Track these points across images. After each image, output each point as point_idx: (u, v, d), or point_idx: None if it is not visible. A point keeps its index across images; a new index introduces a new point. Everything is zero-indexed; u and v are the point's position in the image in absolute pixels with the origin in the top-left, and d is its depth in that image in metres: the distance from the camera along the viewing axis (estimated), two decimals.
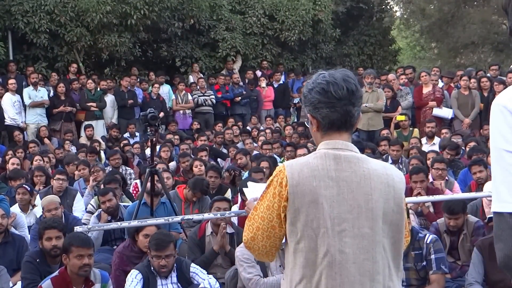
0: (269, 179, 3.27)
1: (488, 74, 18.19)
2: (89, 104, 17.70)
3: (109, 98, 18.26)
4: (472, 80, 16.68)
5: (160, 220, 7.67)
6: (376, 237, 3.16)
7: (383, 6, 29.08)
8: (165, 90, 19.48)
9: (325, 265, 3.10)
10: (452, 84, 18.07)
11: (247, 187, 9.28)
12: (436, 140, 14.67)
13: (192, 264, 7.42)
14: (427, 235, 7.20)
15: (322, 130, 3.29)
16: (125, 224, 8.09)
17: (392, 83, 17.51)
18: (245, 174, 12.35)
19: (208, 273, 7.47)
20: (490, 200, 8.56)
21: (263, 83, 20.61)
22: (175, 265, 7.19)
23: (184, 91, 19.37)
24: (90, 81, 18.20)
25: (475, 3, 30.56)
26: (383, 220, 3.18)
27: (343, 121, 3.25)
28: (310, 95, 3.27)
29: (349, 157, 3.22)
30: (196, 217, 8.40)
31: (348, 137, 3.30)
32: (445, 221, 8.19)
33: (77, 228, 6.93)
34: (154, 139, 9.39)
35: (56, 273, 6.56)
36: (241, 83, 20.48)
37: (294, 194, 3.14)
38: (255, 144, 15.97)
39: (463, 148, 13.47)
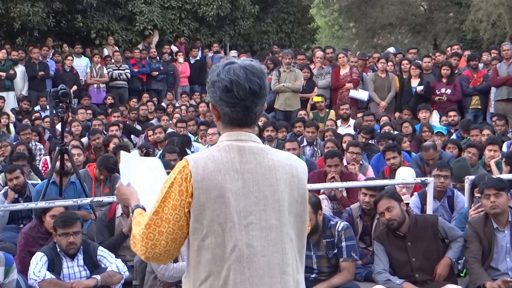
0: (170, 177, 3.15)
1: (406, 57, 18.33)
2: None
3: (20, 69, 17.65)
4: (389, 63, 16.74)
5: (69, 202, 7.53)
6: (284, 228, 3.14)
7: None
8: (83, 63, 18.99)
9: (233, 260, 3.04)
10: (367, 66, 18.16)
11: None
12: (351, 122, 14.72)
13: (100, 248, 7.27)
14: (339, 222, 7.22)
15: (223, 123, 3.23)
16: (32, 205, 7.89)
17: (317, 60, 17.42)
18: (159, 153, 12.18)
19: (116, 256, 7.36)
20: (402, 187, 8.75)
21: (181, 59, 20.28)
22: (82, 247, 7.03)
23: (99, 64, 18.88)
24: (3, 51, 17.57)
25: None
26: (288, 211, 3.19)
27: (244, 120, 3.20)
28: (213, 88, 3.18)
29: (254, 148, 3.18)
30: (106, 199, 8.24)
31: (251, 131, 3.25)
32: (360, 199, 8.30)
33: None
34: (65, 117, 9.13)
35: None
36: (158, 58, 20.12)
37: (199, 190, 3.06)
38: (170, 122, 15.72)
39: (379, 129, 13.53)
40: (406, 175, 9.20)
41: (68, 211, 7.32)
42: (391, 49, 22.10)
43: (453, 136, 12.99)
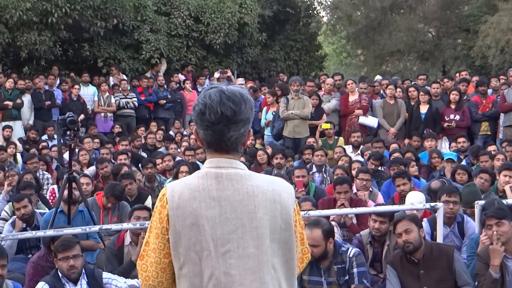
0: (155, 205, 3.18)
1: (414, 83, 18.29)
2: (5, 102, 17.06)
3: (27, 98, 17.62)
4: (398, 89, 16.70)
5: (77, 230, 7.46)
6: (263, 256, 3.09)
7: (310, 11, 28.99)
8: (90, 92, 18.96)
9: None
10: (374, 92, 18.14)
11: None
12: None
13: (104, 273, 7.24)
14: (350, 248, 7.20)
15: (205, 148, 3.25)
16: (40, 233, 7.84)
17: (327, 87, 17.38)
18: (167, 180, 12.15)
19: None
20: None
21: (189, 87, 20.28)
22: (84, 271, 6.98)
23: (107, 93, 18.86)
24: (10, 80, 17.55)
25: (402, 10, 30.91)
26: (270, 238, 3.14)
27: (218, 144, 3.19)
28: (193, 111, 3.22)
29: (232, 174, 3.16)
30: (114, 227, 8.19)
31: (232, 157, 3.22)
32: (370, 225, 8.17)
33: None
34: (72, 145, 9.09)
35: None
36: (165, 86, 20.11)
37: (174, 217, 3.07)
38: (178, 150, 15.70)
39: (388, 156, 13.45)
40: (416, 200, 9.09)
41: (68, 236, 7.27)
42: (378, 77, 22.01)
43: (463, 163, 12.90)
